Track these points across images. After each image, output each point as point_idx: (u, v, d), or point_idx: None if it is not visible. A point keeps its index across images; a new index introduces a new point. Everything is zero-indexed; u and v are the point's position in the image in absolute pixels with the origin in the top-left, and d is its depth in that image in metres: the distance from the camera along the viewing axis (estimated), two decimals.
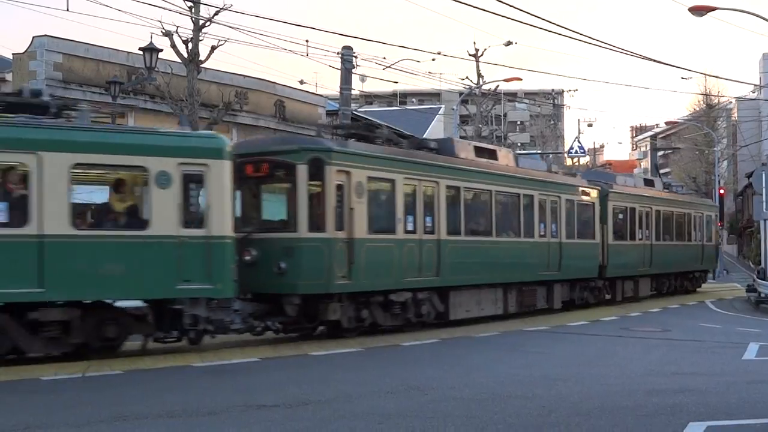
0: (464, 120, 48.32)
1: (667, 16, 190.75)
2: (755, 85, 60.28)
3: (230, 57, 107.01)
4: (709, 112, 64.05)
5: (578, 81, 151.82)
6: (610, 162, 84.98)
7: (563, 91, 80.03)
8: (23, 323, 12.67)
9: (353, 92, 29.13)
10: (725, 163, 64.43)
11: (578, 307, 24.24)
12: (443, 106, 65.37)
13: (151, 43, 23.14)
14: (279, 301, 15.51)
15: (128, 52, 27.21)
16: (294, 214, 15.66)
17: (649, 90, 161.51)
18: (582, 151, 56.57)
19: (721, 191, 44.40)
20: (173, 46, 24.14)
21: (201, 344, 14.27)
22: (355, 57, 25.99)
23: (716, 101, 63.78)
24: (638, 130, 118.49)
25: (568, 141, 70.30)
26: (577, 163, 63.31)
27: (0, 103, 13.54)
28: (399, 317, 17.49)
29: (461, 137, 40.18)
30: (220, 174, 13.85)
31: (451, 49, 79.58)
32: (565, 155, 61.45)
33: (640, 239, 28.41)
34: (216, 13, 23.82)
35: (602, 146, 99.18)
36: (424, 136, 31.56)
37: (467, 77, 39.65)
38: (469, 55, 39.36)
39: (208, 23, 24.20)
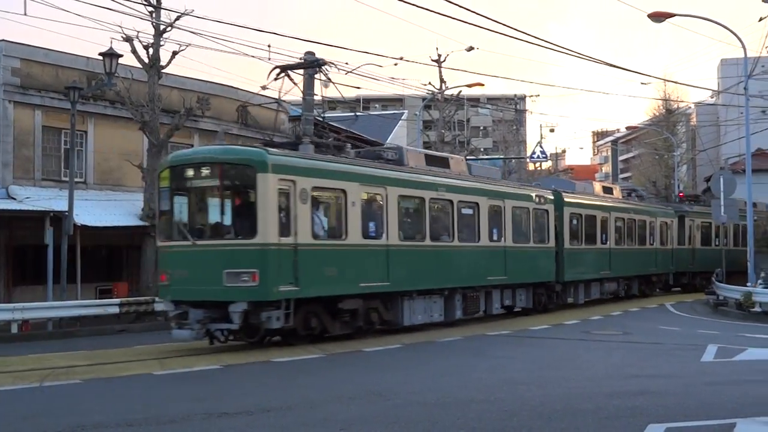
0: (427, 125, 48.39)
1: (627, 23, 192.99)
2: (713, 90, 61.28)
3: (192, 62, 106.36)
4: (669, 117, 64.85)
5: (540, 86, 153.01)
6: (571, 167, 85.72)
7: (525, 97, 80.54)
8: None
9: (316, 98, 28.97)
10: (684, 167, 65.25)
11: None
12: (406, 111, 65.43)
13: (111, 48, 22.94)
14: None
15: (88, 58, 26.92)
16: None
17: (610, 95, 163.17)
18: (544, 156, 57.13)
19: (681, 195, 45.07)
20: (134, 51, 23.98)
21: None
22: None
23: (675, 106, 64.63)
24: (599, 135, 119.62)
25: (531, 146, 70.74)
26: (539, 168, 63.80)
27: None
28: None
29: (424, 143, 40.29)
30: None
31: (414, 55, 79.55)
32: (528, 160, 61.83)
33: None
34: (177, 18, 23.75)
35: (564, 151, 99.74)
36: (387, 142, 31.94)
37: (430, 82, 39.83)
38: (432, 60, 39.35)
39: (169, 28, 24.10)
